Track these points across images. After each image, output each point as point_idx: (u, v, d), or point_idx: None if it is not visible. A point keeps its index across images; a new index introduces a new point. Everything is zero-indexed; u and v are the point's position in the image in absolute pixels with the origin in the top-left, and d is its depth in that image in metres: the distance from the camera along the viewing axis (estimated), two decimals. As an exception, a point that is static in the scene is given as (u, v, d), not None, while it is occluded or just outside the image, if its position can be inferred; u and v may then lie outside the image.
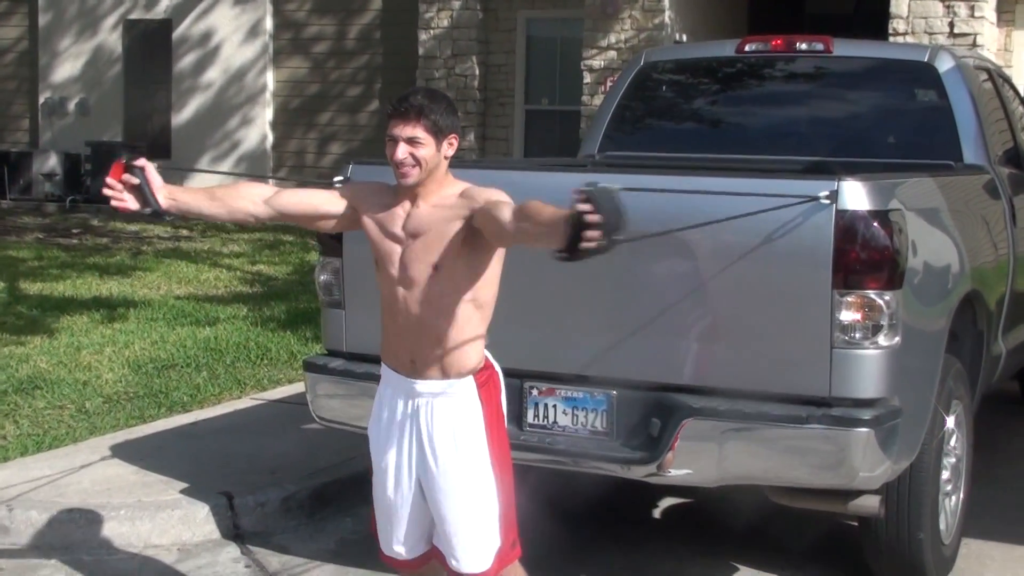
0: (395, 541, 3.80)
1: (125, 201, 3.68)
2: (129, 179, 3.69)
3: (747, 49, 6.59)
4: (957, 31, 13.12)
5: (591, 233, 2.93)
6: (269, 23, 18.09)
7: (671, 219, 4.24)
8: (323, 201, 3.79)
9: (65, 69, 19.46)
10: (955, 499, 5.10)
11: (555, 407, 4.65)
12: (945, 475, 4.94)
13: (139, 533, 5.25)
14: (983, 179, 5.83)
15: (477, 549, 3.65)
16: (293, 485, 5.70)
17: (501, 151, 16.35)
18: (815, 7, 17.43)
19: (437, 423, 3.64)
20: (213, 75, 18.42)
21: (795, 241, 4.22)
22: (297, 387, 7.42)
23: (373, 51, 17.56)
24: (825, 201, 4.18)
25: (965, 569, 5.15)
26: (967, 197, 5.53)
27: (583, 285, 4.53)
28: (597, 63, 14.95)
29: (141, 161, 3.72)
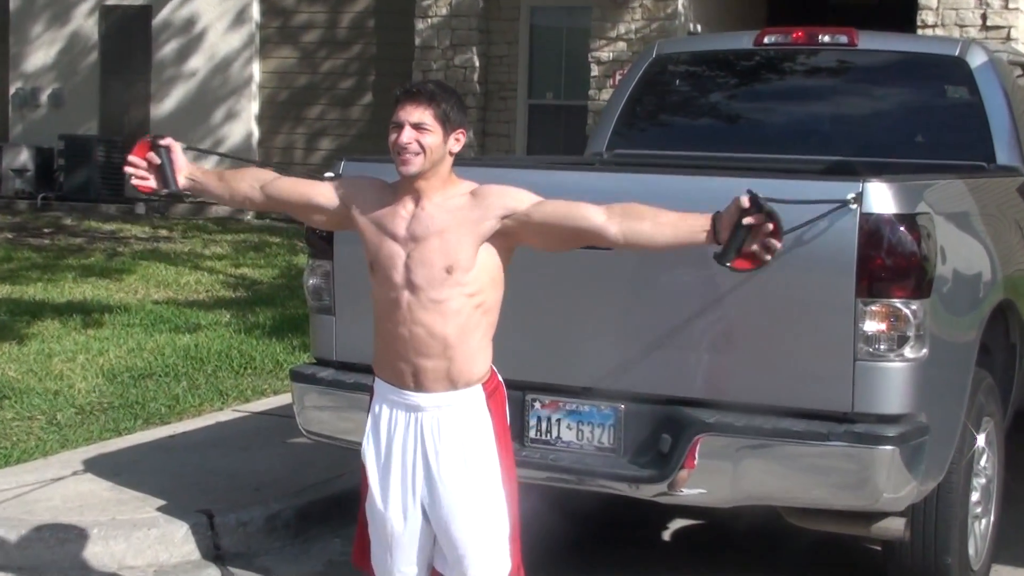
0: (397, 572, 3.74)
1: (147, 179, 3.73)
2: (152, 158, 3.75)
3: (766, 41, 6.60)
4: (990, 23, 13.14)
5: (772, 241, 3.29)
6: (256, 10, 18.12)
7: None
8: (317, 193, 3.80)
9: (37, 58, 19.49)
10: (985, 522, 5.10)
11: (559, 421, 4.65)
12: (975, 496, 4.94)
13: (113, 553, 5.25)
14: (1017, 181, 5.83)
15: (488, 573, 3.63)
16: (278, 503, 5.70)
17: (502, 148, 16.34)
18: (838, -3, 17.45)
19: (444, 437, 3.60)
20: (196, 65, 18.46)
21: (816, 246, 4.22)
22: (283, 398, 7.42)
23: (366, 41, 17.57)
24: (852, 205, 4.17)
25: (995, 598, 5.16)
26: (1000, 200, 5.53)
27: (589, 291, 4.54)
28: (605, 55, 14.98)
29: (167, 140, 3.77)
